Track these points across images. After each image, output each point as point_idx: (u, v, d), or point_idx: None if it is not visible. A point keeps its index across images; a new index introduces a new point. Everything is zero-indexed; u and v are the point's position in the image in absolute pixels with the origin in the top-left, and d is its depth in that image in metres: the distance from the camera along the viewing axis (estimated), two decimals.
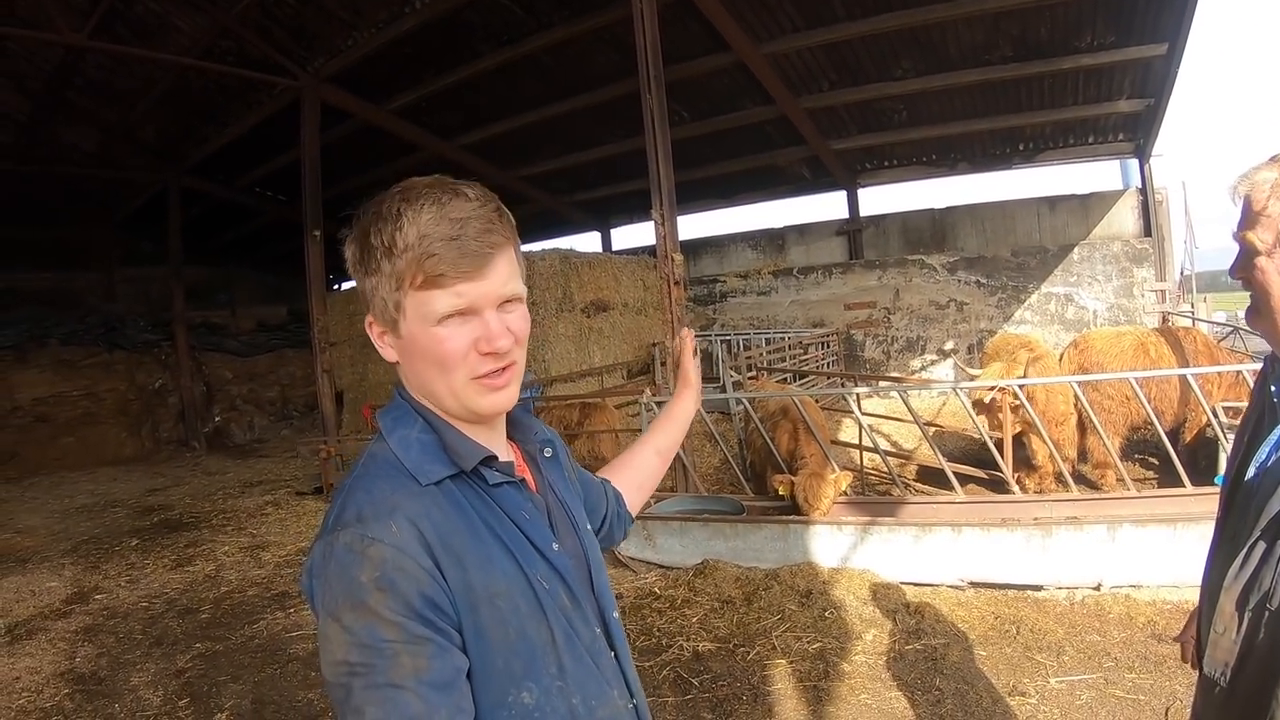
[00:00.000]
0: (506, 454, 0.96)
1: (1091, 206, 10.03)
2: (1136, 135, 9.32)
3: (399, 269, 0.82)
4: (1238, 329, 8.25)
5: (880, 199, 21.57)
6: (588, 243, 16.64)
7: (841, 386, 7.80)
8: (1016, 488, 4.57)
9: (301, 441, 11.20)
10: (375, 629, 0.73)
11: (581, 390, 8.32)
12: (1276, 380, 1.15)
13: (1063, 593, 3.66)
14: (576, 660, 0.87)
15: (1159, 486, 5.09)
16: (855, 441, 5.90)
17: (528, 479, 0.97)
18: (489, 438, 0.92)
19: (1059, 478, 4.90)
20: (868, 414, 5.70)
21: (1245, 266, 1.07)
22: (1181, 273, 9.74)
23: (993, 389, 4.77)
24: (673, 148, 5.39)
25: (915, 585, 3.88)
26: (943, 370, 10.49)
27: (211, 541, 6.22)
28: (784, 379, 8.39)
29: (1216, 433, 4.49)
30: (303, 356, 13.07)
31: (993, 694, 2.87)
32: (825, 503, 4.24)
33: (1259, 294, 1.07)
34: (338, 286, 14.73)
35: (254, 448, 12.21)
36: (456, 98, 8.98)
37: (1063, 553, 3.72)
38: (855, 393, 5.33)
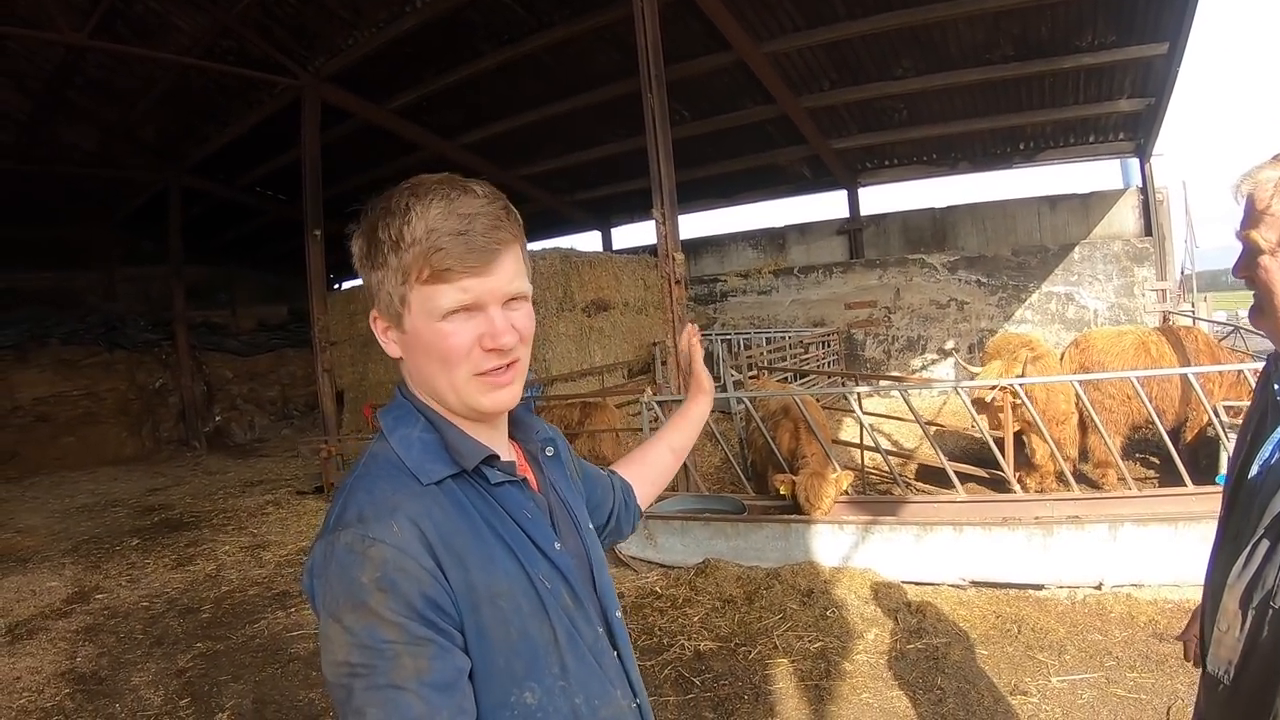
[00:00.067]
0: (508, 453, 0.96)
1: (1092, 206, 10.02)
2: (1137, 134, 9.31)
3: (405, 263, 0.82)
4: (1238, 328, 8.24)
5: (881, 198, 21.64)
6: (588, 242, 16.74)
7: (842, 386, 7.79)
8: (1018, 487, 4.56)
9: (302, 441, 11.21)
10: (376, 630, 0.73)
11: (582, 390, 8.32)
12: (1279, 379, 1.14)
13: (1064, 592, 3.66)
14: (579, 660, 0.87)
15: (1160, 486, 5.09)
16: (856, 441, 5.89)
17: (529, 478, 0.96)
18: (491, 437, 0.92)
19: (1060, 477, 4.90)
20: (869, 413, 5.69)
21: (1248, 265, 1.07)
22: (1182, 272, 9.73)
23: (994, 388, 4.77)
24: (673, 147, 5.39)
25: (917, 584, 3.88)
26: (943, 369, 10.49)
27: (212, 541, 6.23)
28: (785, 378, 8.38)
29: (1218, 432, 4.49)
30: (303, 356, 13.09)
31: (994, 693, 2.86)
32: (826, 502, 4.24)
33: (1262, 293, 1.06)
34: (338, 286, 14.79)
35: (254, 447, 12.23)
36: (457, 97, 8.98)
37: (1064, 552, 3.72)
38: (856, 392, 5.32)
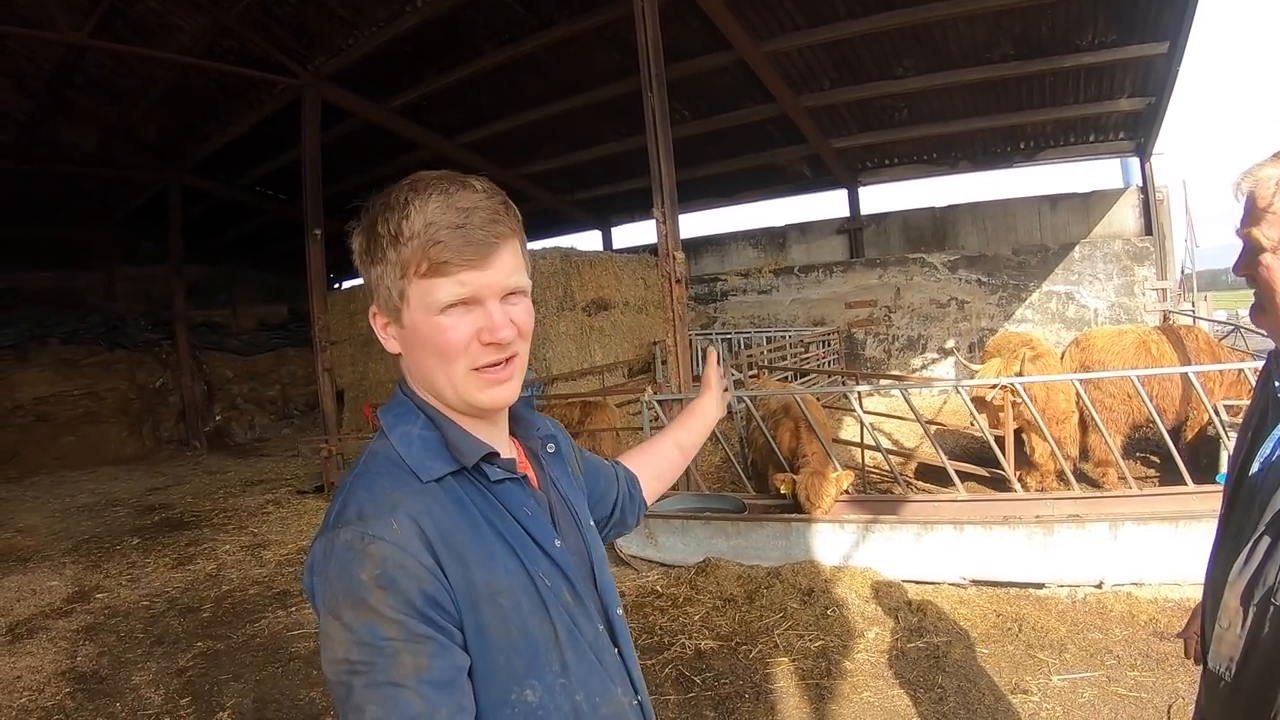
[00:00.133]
0: (509, 450, 0.96)
1: (1092, 205, 10.01)
2: (1137, 134, 9.30)
3: (404, 257, 0.82)
4: (1239, 327, 8.23)
5: (881, 197, 21.54)
6: (589, 241, 16.71)
7: (843, 385, 7.79)
8: (1018, 486, 4.56)
9: (302, 440, 11.20)
10: (376, 627, 0.73)
11: (582, 389, 8.32)
12: None
13: (1065, 590, 3.66)
14: (580, 657, 0.87)
15: (1161, 485, 5.10)
16: (857, 440, 5.89)
17: (530, 475, 0.96)
18: (491, 433, 0.92)
19: (1061, 476, 4.90)
20: (869, 412, 5.69)
21: (1250, 263, 1.07)
22: (1182, 271, 9.72)
23: (994, 387, 4.77)
24: (674, 146, 5.38)
25: (917, 583, 3.88)
26: (943, 369, 10.48)
27: (212, 540, 6.22)
28: (785, 377, 8.38)
29: (1218, 431, 4.49)
30: (303, 355, 13.10)
31: (995, 692, 2.86)
32: (827, 501, 4.24)
33: (1263, 291, 1.06)
34: (338, 285, 14.78)
35: (255, 447, 12.22)
36: (458, 96, 8.98)
37: (1065, 551, 3.72)
38: (857, 391, 5.32)
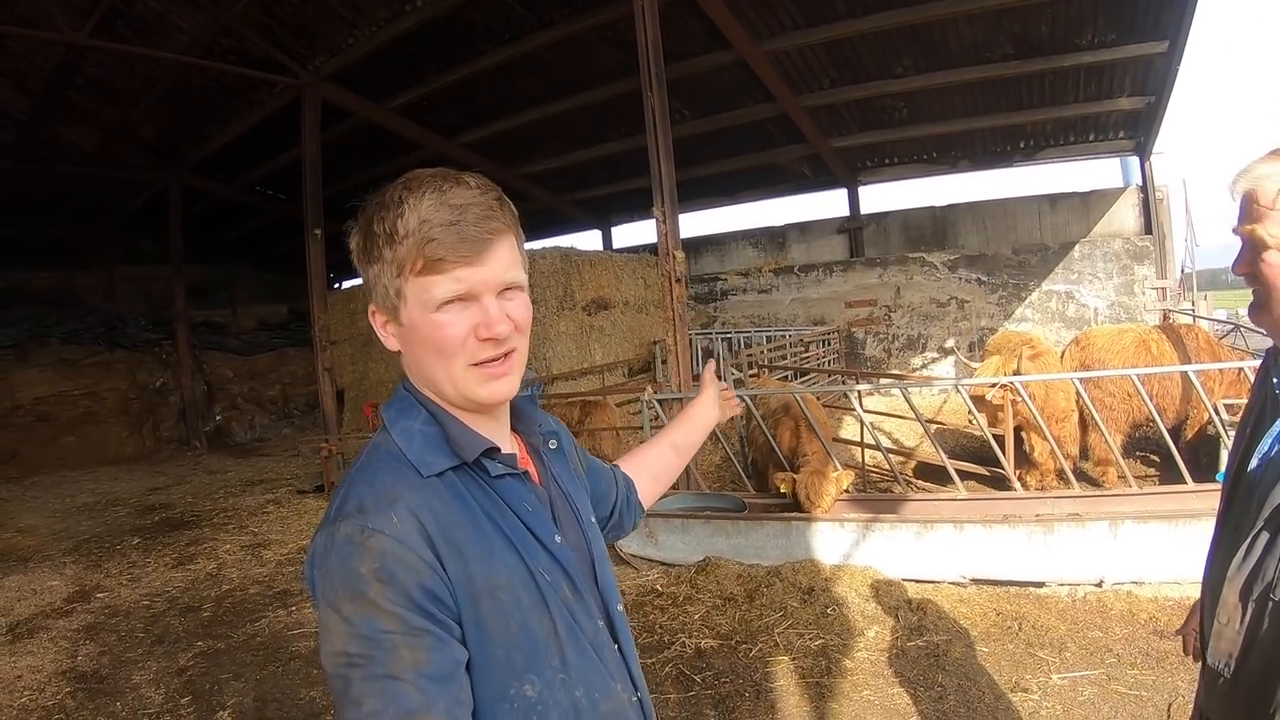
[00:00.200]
0: (509, 446, 0.96)
1: (1092, 204, 10.01)
2: (1137, 133, 9.30)
3: (400, 255, 0.83)
4: (1239, 326, 8.23)
5: (881, 197, 21.53)
6: (589, 241, 16.68)
7: (843, 384, 7.79)
8: (1018, 485, 4.56)
9: (303, 440, 11.19)
10: (374, 620, 0.73)
11: (582, 388, 8.32)
12: (1278, 373, 1.14)
13: (1065, 589, 3.66)
14: (579, 653, 0.87)
15: (1160, 483, 5.09)
16: (857, 439, 5.89)
17: (531, 471, 0.96)
18: (491, 429, 0.92)
19: (1061, 475, 4.90)
20: (869, 411, 5.69)
21: (1249, 261, 1.06)
22: (1182, 270, 9.73)
23: (994, 386, 4.77)
24: (674, 145, 5.38)
25: (917, 582, 3.88)
26: (944, 368, 10.49)
27: (213, 540, 6.22)
28: (785, 376, 8.38)
29: (1218, 430, 4.49)
30: (304, 355, 13.10)
31: (995, 690, 2.86)
32: (827, 500, 4.24)
33: (1263, 289, 1.06)
34: (339, 285, 14.80)
35: (255, 446, 12.22)
36: (457, 96, 8.98)
37: (1065, 549, 3.72)
38: (857, 390, 5.32)
